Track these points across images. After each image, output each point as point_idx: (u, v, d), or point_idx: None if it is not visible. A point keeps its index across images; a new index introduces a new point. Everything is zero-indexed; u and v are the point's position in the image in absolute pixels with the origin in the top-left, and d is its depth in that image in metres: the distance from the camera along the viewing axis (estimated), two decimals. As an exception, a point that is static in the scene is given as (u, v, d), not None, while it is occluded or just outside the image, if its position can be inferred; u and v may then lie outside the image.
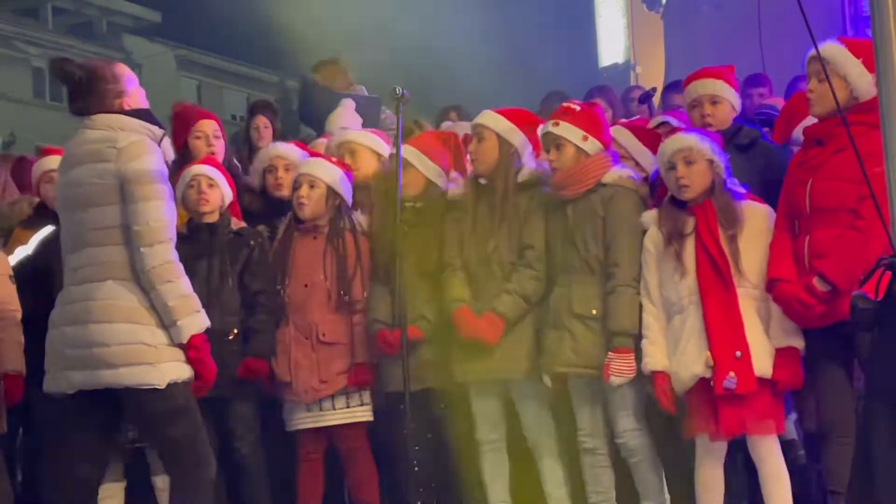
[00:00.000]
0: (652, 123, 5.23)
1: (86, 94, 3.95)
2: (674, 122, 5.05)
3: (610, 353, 4.32)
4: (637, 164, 4.77)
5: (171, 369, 3.80)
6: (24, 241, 5.38)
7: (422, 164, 4.87)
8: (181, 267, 3.85)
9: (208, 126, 5.49)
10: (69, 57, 4.07)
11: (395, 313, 4.66)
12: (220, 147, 5.50)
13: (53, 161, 5.40)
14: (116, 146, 3.82)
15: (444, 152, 4.88)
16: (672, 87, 7.00)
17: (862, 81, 4.07)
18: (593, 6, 14.74)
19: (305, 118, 7.27)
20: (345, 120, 6.78)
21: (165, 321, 3.78)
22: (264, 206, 5.42)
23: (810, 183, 4.17)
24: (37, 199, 5.64)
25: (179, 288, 3.80)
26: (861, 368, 4.13)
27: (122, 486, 4.79)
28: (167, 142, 5.46)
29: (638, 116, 6.61)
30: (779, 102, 5.89)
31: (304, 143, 5.75)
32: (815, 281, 4.03)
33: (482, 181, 4.73)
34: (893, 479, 2.69)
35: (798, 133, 4.66)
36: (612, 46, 14.37)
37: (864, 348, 3.89)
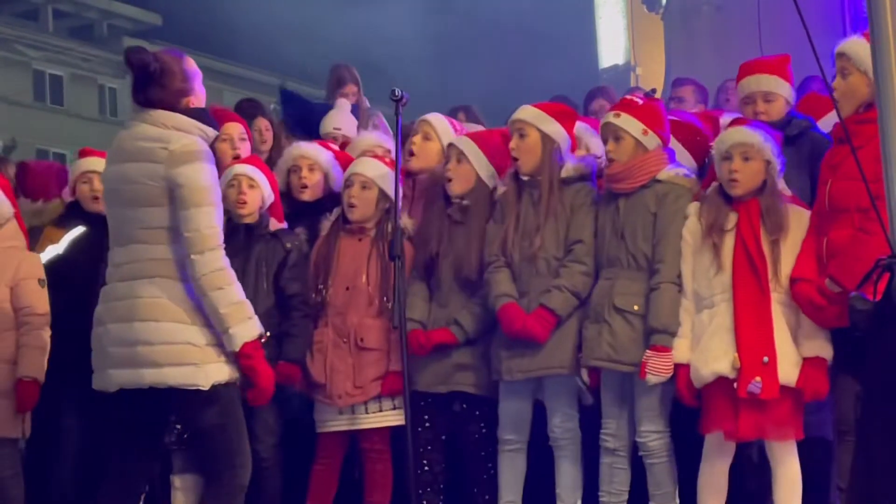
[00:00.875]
0: (724, 122, 5.08)
1: (155, 86, 3.84)
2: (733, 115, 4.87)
3: (648, 350, 4.25)
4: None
5: (216, 370, 3.74)
6: (54, 240, 5.37)
7: (477, 159, 4.78)
8: (233, 273, 3.78)
9: (234, 129, 5.45)
10: (143, 47, 3.95)
11: (433, 313, 4.64)
12: (245, 149, 5.45)
13: (92, 163, 5.41)
14: (168, 147, 3.74)
15: (504, 152, 4.73)
16: (681, 82, 6.95)
17: None
18: (593, 7, 14.76)
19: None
20: (338, 120, 6.79)
21: (218, 328, 3.72)
22: (287, 206, 5.37)
23: (830, 182, 4.13)
24: (69, 199, 5.63)
25: (231, 295, 3.73)
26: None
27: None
28: None
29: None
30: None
31: (326, 142, 5.70)
32: (827, 282, 3.99)
33: (524, 178, 4.71)
34: (893, 479, 2.69)
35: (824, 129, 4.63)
36: (612, 47, 14.39)
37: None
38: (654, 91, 6.60)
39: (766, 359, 4.05)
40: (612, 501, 4.46)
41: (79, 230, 5.32)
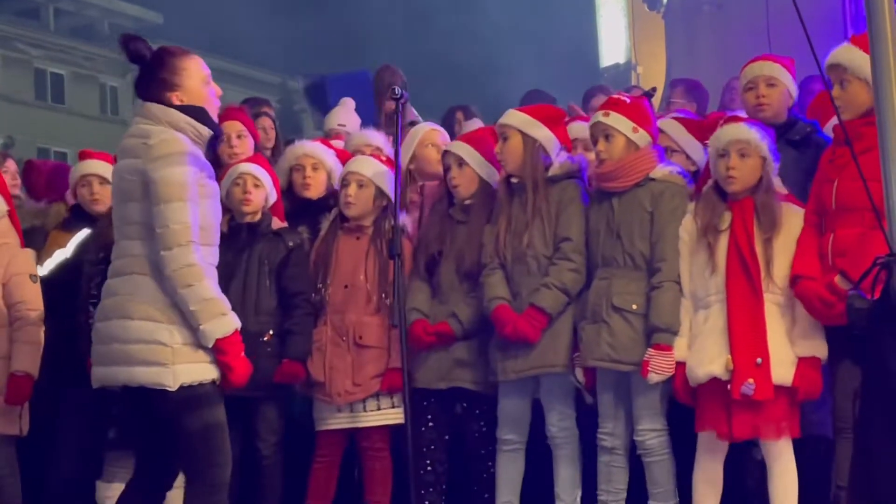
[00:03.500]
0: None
1: (147, 78, 3.85)
2: (741, 114, 4.89)
3: (650, 349, 4.26)
4: (687, 156, 4.73)
5: (186, 371, 3.71)
6: (61, 244, 5.39)
7: (475, 161, 4.80)
8: (205, 269, 3.73)
9: (231, 127, 5.45)
10: (139, 36, 3.91)
11: (436, 308, 4.66)
12: (245, 147, 5.44)
13: (90, 166, 5.43)
14: (148, 142, 3.74)
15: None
16: (674, 84, 6.97)
17: None
18: (594, 6, 14.75)
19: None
20: (342, 117, 6.81)
21: (192, 325, 3.70)
22: (290, 205, 5.37)
23: (836, 181, 4.12)
24: (72, 202, 5.65)
25: (202, 291, 3.68)
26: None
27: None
28: None
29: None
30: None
31: (328, 140, 5.70)
32: (837, 279, 3.98)
33: (514, 179, 4.71)
34: (892, 476, 2.69)
35: (828, 132, 4.63)
36: (613, 46, 14.37)
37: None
38: (654, 90, 6.61)
39: (759, 360, 4.06)
40: (610, 500, 4.47)
41: (84, 233, 5.33)
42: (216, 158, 5.32)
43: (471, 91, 14.78)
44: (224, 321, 3.71)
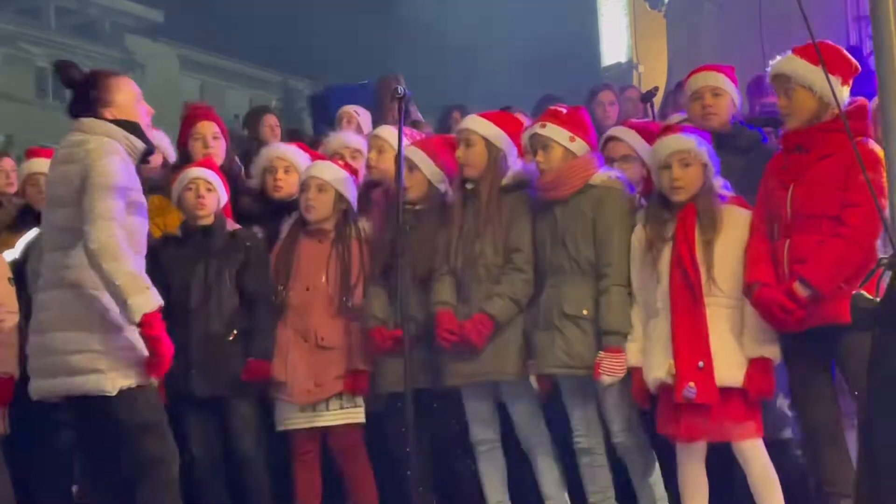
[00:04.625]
0: (673, 120, 5.20)
1: (79, 97, 4.05)
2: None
3: (601, 352, 4.34)
4: (643, 163, 4.77)
5: (123, 376, 3.82)
6: (10, 245, 5.37)
7: (426, 166, 4.87)
8: (127, 246, 3.81)
9: (206, 128, 5.48)
10: (73, 62, 4.16)
11: (394, 313, 4.67)
12: (219, 148, 5.48)
13: (38, 164, 5.42)
14: (86, 147, 3.89)
15: (449, 156, 4.85)
16: (678, 87, 6.97)
17: (826, 86, 4.02)
18: (596, 5, 14.75)
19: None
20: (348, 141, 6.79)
21: (116, 302, 3.76)
22: (262, 207, 5.40)
23: (792, 188, 4.16)
24: (21, 202, 5.63)
25: (125, 265, 3.76)
26: (840, 370, 4.17)
27: None
28: (167, 144, 5.47)
29: (634, 116, 6.61)
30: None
31: (306, 145, 5.73)
32: (796, 286, 4.04)
33: (468, 186, 4.74)
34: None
35: None
36: (614, 45, 14.37)
37: (850, 349, 3.90)
38: (655, 90, 6.61)
39: (701, 364, 4.12)
40: (600, 500, 4.49)
41: (33, 232, 5.27)
42: (189, 158, 5.35)
43: (468, 90, 14.78)
44: (148, 295, 3.78)
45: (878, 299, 2.80)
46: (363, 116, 6.77)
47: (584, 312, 4.40)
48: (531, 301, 4.58)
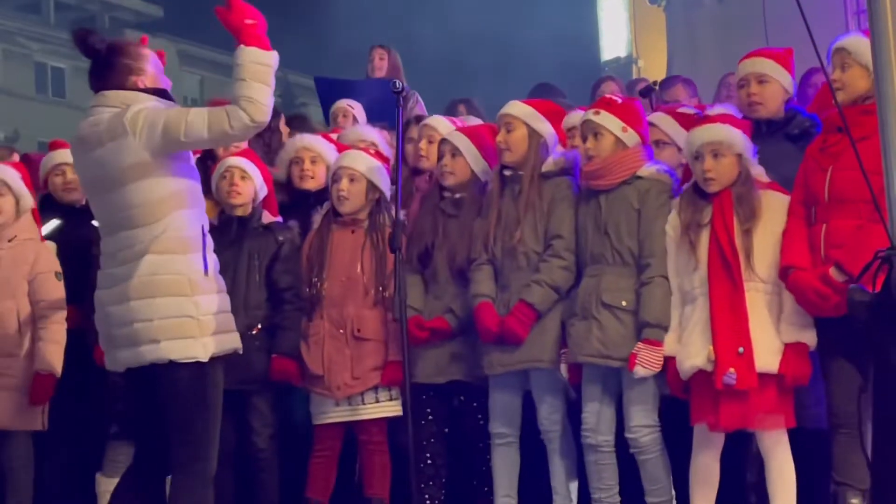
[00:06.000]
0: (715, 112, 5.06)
1: (104, 68, 3.81)
2: (730, 109, 4.85)
3: (639, 343, 4.29)
4: (679, 149, 4.71)
5: (214, 343, 3.73)
6: None
7: (470, 154, 4.84)
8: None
9: None
10: (94, 29, 3.94)
11: (430, 302, 4.69)
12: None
13: (64, 155, 5.41)
14: (124, 119, 3.68)
15: (493, 145, 4.77)
16: (666, 82, 6.94)
17: None
18: (596, -1, 14.73)
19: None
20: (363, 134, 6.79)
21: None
22: (288, 197, 5.37)
23: (830, 171, 4.12)
24: (42, 192, 5.62)
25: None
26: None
27: None
28: None
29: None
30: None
31: (328, 135, 5.70)
32: (832, 271, 3.98)
33: (507, 172, 4.72)
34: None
35: None
36: (614, 40, 14.35)
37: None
38: (656, 84, 6.60)
39: (741, 349, 4.08)
40: (604, 497, 4.47)
41: (54, 223, 5.32)
42: (212, 153, 5.33)
43: (472, 84, 14.77)
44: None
45: (874, 292, 2.79)
46: (357, 110, 6.77)
47: (623, 304, 4.35)
48: (569, 289, 4.52)
